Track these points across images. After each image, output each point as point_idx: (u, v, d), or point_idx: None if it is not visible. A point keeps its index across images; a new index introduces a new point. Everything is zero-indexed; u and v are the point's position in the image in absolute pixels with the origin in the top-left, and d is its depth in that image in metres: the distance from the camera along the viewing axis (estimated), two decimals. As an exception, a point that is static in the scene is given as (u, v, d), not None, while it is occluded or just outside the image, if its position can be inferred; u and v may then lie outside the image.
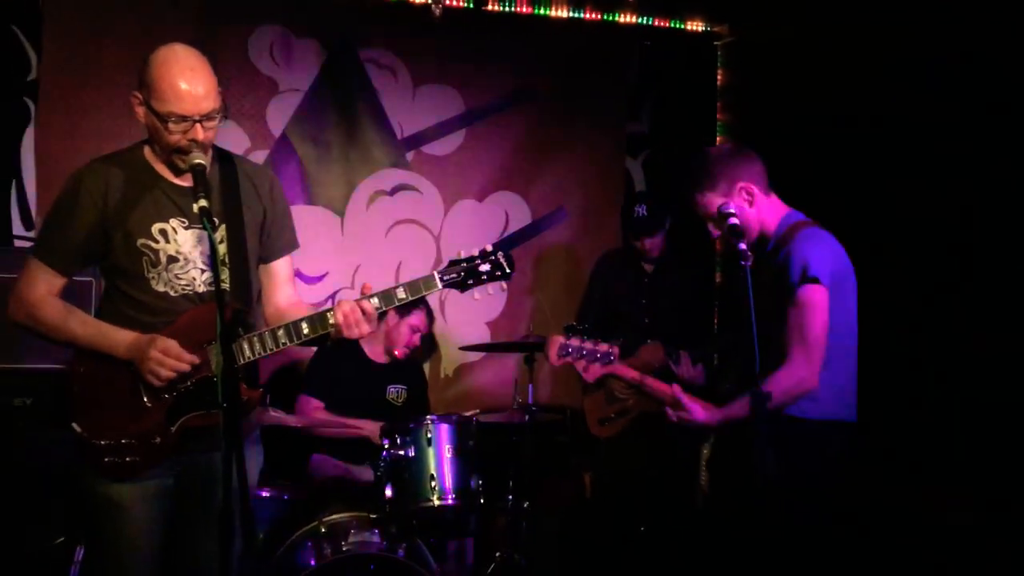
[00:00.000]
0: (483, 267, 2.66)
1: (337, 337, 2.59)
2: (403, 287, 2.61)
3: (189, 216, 2.59)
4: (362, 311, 2.56)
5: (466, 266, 2.66)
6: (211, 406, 2.49)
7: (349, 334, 2.56)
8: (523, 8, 5.51)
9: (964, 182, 4.01)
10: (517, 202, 5.56)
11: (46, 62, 4.75)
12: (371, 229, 5.31)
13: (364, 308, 2.56)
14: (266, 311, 2.81)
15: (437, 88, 5.43)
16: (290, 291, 2.85)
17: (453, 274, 2.65)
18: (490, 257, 2.67)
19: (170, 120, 2.47)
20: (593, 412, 4.58)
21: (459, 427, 3.82)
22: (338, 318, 2.55)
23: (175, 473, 2.62)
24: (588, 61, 5.63)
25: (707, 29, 5.86)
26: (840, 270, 2.96)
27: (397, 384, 4.60)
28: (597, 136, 5.68)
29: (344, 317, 2.55)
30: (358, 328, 2.56)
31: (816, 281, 2.86)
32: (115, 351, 2.52)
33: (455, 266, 2.66)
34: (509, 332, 5.40)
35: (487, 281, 2.67)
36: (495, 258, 2.67)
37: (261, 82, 5.11)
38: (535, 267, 5.54)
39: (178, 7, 4.90)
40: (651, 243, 4.62)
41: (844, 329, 2.97)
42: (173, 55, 2.50)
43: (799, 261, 2.88)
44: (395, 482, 3.68)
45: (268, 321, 2.77)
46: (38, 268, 2.59)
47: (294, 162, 5.19)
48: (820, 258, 2.90)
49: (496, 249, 2.68)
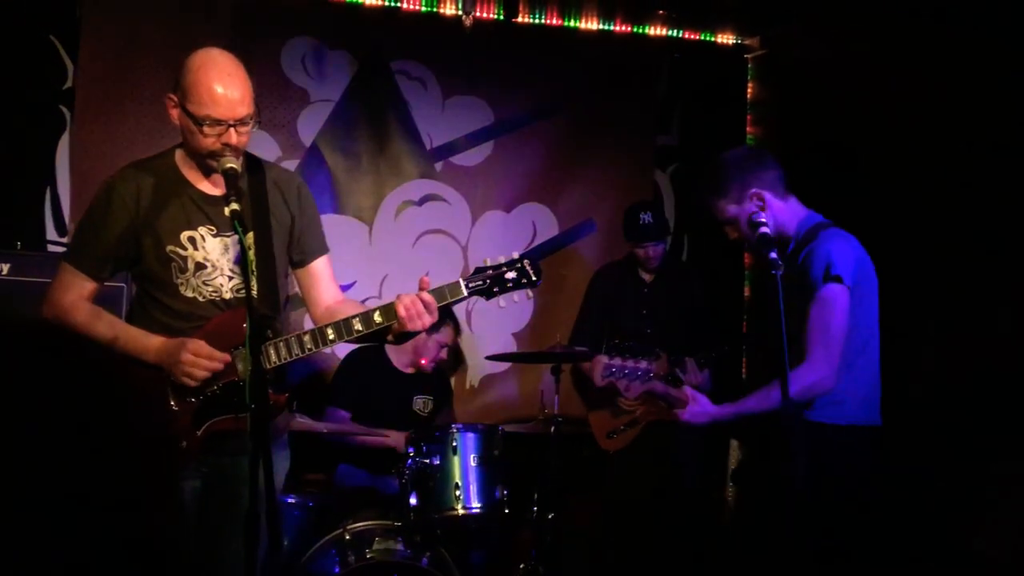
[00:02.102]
0: (509, 275, 2.65)
1: (399, 332, 2.60)
2: (428, 293, 2.61)
3: (218, 224, 2.62)
4: (423, 304, 2.56)
5: (492, 273, 2.66)
6: (237, 410, 2.51)
7: (412, 327, 2.57)
8: (553, 20, 5.53)
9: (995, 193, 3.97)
10: (545, 214, 5.56)
11: (82, 71, 4.83)
12: (399, 239, 5.34)
13: (425, 300, 2.57)
14: (316, 313, 2.82)
15: (467, 99, 5.45)
16: (335, 290, 2.86)
17: (479, 281, 2.65)
18: (516, 265, 2.66)
19: (205, 124, 2.49)
20: (601, 426, 4.56)
21: (484, 436, 3.82)
22: (399, 311, 2.56)
23: (201, 475, 2.63)
24: (618, 73, 5.63)
25: (738, 42, 5.85)
26: (862, 272, 2.95)
27: (423, 394, 4.61)
28: (626, 148, 5.67)
29: (406, 309, 2.55)
30: (420, 320, 2.56)
31: (839, 280, 2.85)
32: (144, 356, 2.55)
33: (481, 273, 2.66)
34: (535, 343, 5.40)
35: (513, 289, 2.66)
36: (521, 265, 2.66)
37: (293, 92, 5.17)
38: (562, 279, 5.52)
39: (213, 19, 4.97)
40: (654, 251, 4.61)
41: (866, 331, 2.96)
42: (210, 59, 2.53)
43: (822, 260, 2.88)
44: (420, 490, 3.69)
45: (319, 322, 2.76)
46: (70, 273, 2.63)
47: (324, 172, 5.23)
48: (843, 258, 2.89)
49: (522, 257, 2.68)
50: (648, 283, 4.73)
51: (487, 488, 3.76)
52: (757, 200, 3.02)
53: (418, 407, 4.58)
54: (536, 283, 2.68)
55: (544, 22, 5.51)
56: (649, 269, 4.70)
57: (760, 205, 3.01)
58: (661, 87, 5.75)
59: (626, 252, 4.77)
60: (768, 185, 3.04)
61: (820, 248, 2.91)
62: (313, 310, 2.84)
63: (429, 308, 2.57)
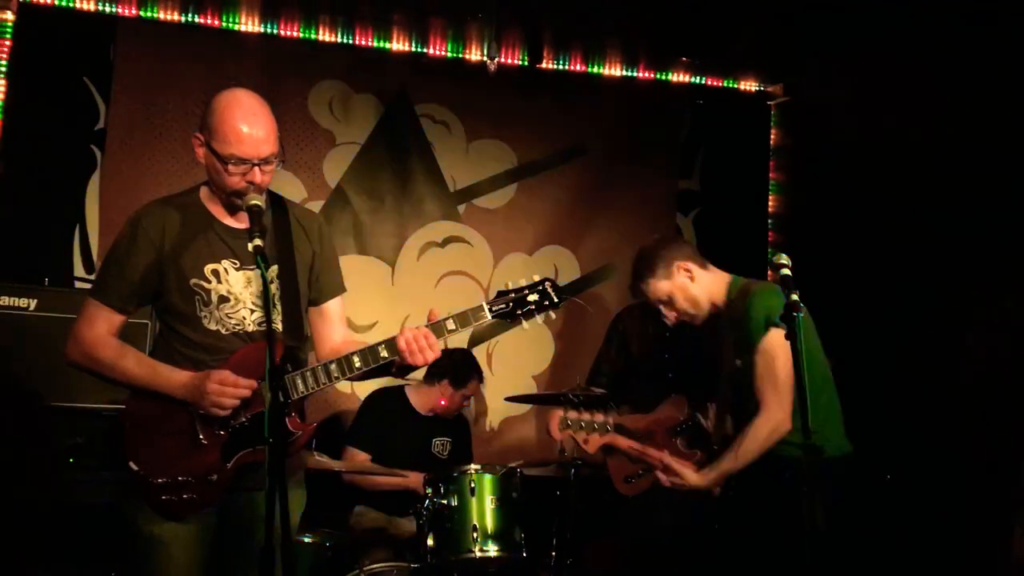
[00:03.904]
0: (531, 297, 2.67)
1: (401, 365, 2.60)
2: (452, 318, 2.62)
3: (241, 257, 2.64)
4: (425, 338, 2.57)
5: (515, 296, 2.67)
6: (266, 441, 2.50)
7: (413, 360, 2.57)
8: (577, 66, 5.59)
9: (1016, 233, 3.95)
10: (567, 256, 5.58)
11: (114, 112, 4.94)
12: (421, 280, 5.36)
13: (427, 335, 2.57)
14: (322, 352, 2.83)
15: (490, 143, 5.51)
16: (343, 331, 2.87)
17: (502, 304, 2.66)
18: (538, 287, 2.68)
19: (230, 162, 2.53)
20: (619, 470, 4.52)
21: (503, 478, 3.79)
22: (400, 344, 2.56)
23: (217, 512, 2.62)
24: (641, 118, 5.68)
25: (761, 89, 5.88)
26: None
27: (443, 436, 4.59)
28: (648, 192, 5.70)
29: (407, 343, 2.56)
30: (422, 355, 2.57)
31: (778, 325, 2.87)
32: (172, 392, 2.55)
33: (503, 296, 2.67)
34: (555, 386, 5.37)
35: (536, 311, 2.67)
36: (543, 288, 2.68)
37: (319, 134, 5.25)
38: (583, 322, 5.51)
39: (243, 61, 5.07)
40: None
41: (817, 366, 3.08)
42: (236, 99, 2.57)
43: (759, 313, 3.05)
44: (437, 531, 3.65)
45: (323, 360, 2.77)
46: (96, 308, 2.64)
47: (348, 213, 5.29)
48: (776, 305, 2.92)
49: (544, 279, 2.70)
50: (670, 327, 4.70)
51: (505, 531, 3.72)
52: (685, 271, 3.29)
53: (437, 449, 4.56)
54: (559, 304, 2.69)
55: (568, 68, 5.57)
56: None
57: (689, 275, 3.29)
58: (683, 132, 5.79)
59: None
60: (689, 257, 3.31)
61: (754, 303, 3.09)
62: (319, 348, 2.85)
63: (431, 344, 2.58)
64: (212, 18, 5.08)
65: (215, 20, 5.09)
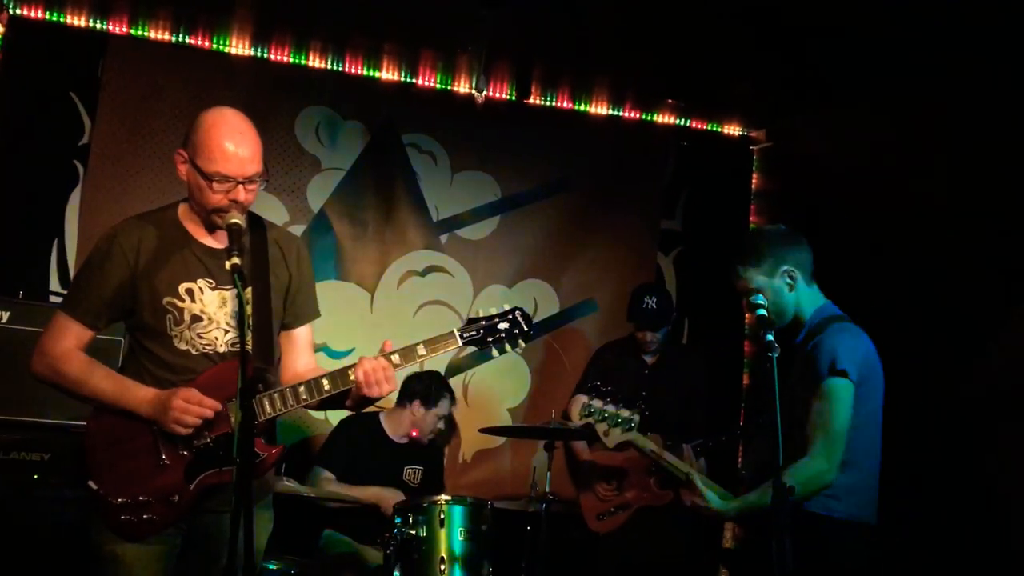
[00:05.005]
0: (502, 325, 2.68)
1: (358, 397, 2.58)
2: (423, 344, 2.62)
3: (217, 277, 2.63)
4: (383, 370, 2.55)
5: (485, 324, 2.68)
6: (231, 463, 2.47)
7: (369, 392, 2.56)
8: (564, 103, 5.65)
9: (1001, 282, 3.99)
10: (547, 291, 5.59)
11: (99, 129, 4.93)
12: (400, 308, 5.36)
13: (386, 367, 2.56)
14: (284, 377, 2.80)
15: (475, 175, 5.54)
16: (309, 358, 2.85)
17: (472, 331, 2.67)
18: (508, 316, 2.69)
19: (214, 179, 2.52)
20: (591, 507, 4.50)
21: (473, 510, 3.75)
22: (358, 375, 2.55)
23: (182, 533, 2.59)
24: (625, 157, 5.73)
25: (744, 133, 5.96)
26: (869, 367, 2.93)
27: (415, 464, 4.56)
28: (630, 231, 5.73)
29: (365, 375, 2.54)
30: (378, 387, 2.55)
31: (844, 375, 2.83)
32: (138, 408, 2.52)
33: (474, 323, 2.68)
34: (531, 419, 5.36)
35: (506, 340, 2.68)
36: (513, 316, 2.69)
37: (305, 159, 5.26)
38: (561, 357, 5.52)
39: (232, 84, 5.08)
40: (652, 336, 4.62)
41: (869, 428, 2.93)
42: (222, 117, 2.58)
43: (828, 353, 2.87)
44: (404, 562, 3.61)
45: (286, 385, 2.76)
46: (65, 321, 2.61)
47: (330, 237, 5.29)
48: (850, 353, 2.87)
49: (515, 308, 2.71)
50: (649, 365, 4.73)
51: (473, 564, 3.67)
52: (788, 277, 3.04)
53: (408, 477, 4.52)
54: (529, 334, 2.70)
55: (555, 104, 5.62)
56: (650, 352, 4.70)
57: (790, 284, 3.03)
58: (667, 173, 5.84)
59: (629, 332, 4.77)
60: (801, 266, 3.07)
61: (827, 341, 2.90)
62: (284, 373, 2.81)
63: (387, 375, 2.56)
64: (203, 39, 5.09)
65: (206, 42, 5.10)
